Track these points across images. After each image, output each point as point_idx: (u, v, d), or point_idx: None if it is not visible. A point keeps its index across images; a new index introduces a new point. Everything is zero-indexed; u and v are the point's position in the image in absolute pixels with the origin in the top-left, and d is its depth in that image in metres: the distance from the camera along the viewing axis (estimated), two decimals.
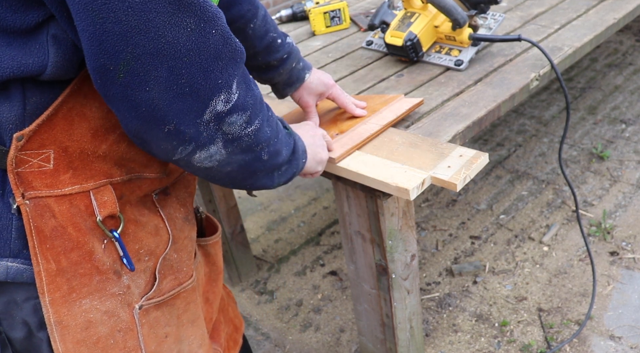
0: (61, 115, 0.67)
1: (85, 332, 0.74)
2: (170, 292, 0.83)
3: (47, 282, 0.70)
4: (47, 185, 0.68)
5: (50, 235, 0.69)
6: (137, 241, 0.77)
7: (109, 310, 0.75)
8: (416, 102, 1.29)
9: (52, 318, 0.72)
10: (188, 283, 0.86)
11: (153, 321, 0.81)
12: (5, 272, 0.69)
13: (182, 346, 0.88)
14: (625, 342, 1.67)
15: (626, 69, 3.21)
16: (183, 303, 0.86)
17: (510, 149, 2.67)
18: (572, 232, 2.11)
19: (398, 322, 1.40)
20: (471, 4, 1.47)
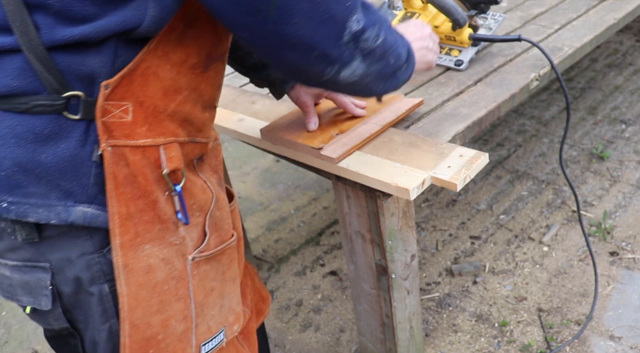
0: (139, 72, 0.74)
1: (146, 276, 0.80)
2: (216, 247, 0.89)
3: (119, 225, 0.76)
4: (126, 135, 0.75)
5: (122, 182, 0.75)
6: (192, 196, 0.84)
7: (165, 257, 0.81)
8: (416, 102, 1.29)
9: (120, 261, 0.77)
10: (231, 241, 0.93)
11: (202, 274, 0.87)
12: (82, 216, 0.75)
13: (224, 301, 0.94)
14: (625, 342, 1.67)
15: (626, 69, 3.21)
16: (227, 260, 0.93)
17: (510, 149, 2.67)
18: (572, 232, 2.11)
19: (398, 322, 1.40)
20: (471, 4, 1.47)
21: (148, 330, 0.83)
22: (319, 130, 1.21)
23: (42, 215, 0.73)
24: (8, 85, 0.70)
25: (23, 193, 0.73)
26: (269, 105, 1.44)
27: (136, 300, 0.80)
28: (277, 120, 1.31)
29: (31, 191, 0.73)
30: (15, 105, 0.71)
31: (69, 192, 0.74)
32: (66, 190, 0.74)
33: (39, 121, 0.71)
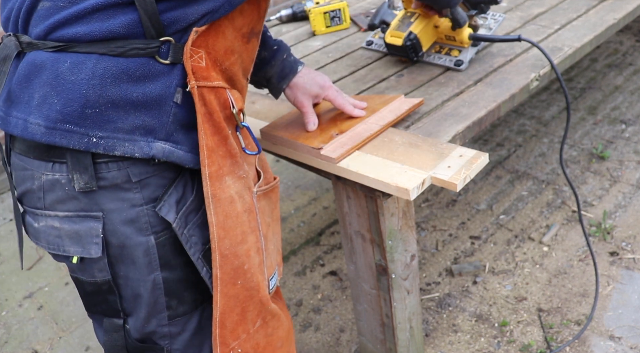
0: (214, 27, 0.84)
1: (230, 206, 0.88)
2: (268, 185, 0.99)
3: (207, 156, 0.83)
4: (204, 77, 0.83)
5: (204, 118, 0.83)
6: (246, 137, 0.94)
7: (239, 190, 0.89)
8: (416, 102, 1.29)
9: (209, 191, 0.85)
10: (276, 181, 1.03)
11: (262, 208, 0.96)
12: (162, 150, 0.82)
13: (275, 239, 1.03)
14: (625, 342, 1.67)
15: (626, 69, 3.21)
16: (275, 198, 1.02)
17: (510, 149, 2.67)
18: (572, 232, 2.11)
19: (398, 322, 1.40)
20: (471, 4, 1.47)
21: (236, 260, 0.89)
22: (319, 130, 1.21)
23: (127, 148, 0.80)
24: (114, 31, 0.78)
25: (112, 128, 0.79)
26: (268, 105, 1.44)
27: (224, 229, 0.87)
28: (277, 120, 1.31)
29: (119, 126, 0.79)
30: (112, 49, 0.78)
31: (151, 129, 0.81)
32: (149, 127, 0.81)
33: (133, 63, 0.78)
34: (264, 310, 0.99)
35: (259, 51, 1.15)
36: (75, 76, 0.77)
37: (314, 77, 1.20)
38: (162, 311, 0.92)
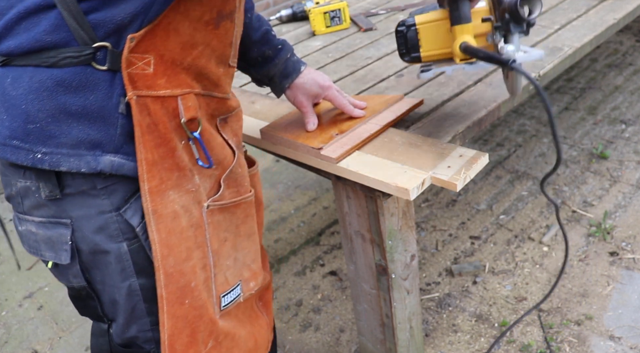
0: (162, 27, 0.78)
1: (173, 221, 0.84)
2: (231, 199, 0.94)
3: (146, 170, 0.80)
4: (147, 86, 0.78)
5: (146, 130, 0.79)
6: (209, 148, 0.88)
7: (185, 205, 0.85)
8: (416, 102, 1.29)
9: (150, 206, 0.81)
10: (248, 196, 0.97)
11: (216, 223, 0.91)
12: (110, 164, 0.79)
13: (238, 255, 0.97)
14: (625, 342, 1.67)
15: (626, 69, 3.21)
16: (242, 214, 0.97)
17: (510, 149, 2.67)
18: (572, 232, 2.11)
19: (398, 322, 1.40)
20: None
21: (182, 279, 0.85)
22: (319, 130, 1.21)
23: (73, 164, 0.77)
24: (41, 40, 0.74)
25: (56, 143, 0.77)
26: (268, 105, 1.44)
27: (167, 247, 0.83)
28: (277, 120, 1.31)
29: (63, 141, 0.77)
30: (44, 60, 0.75)
31: (98, 142, 0.78)
32: (95, 141, 0.78)
33: (68, 74, 0.75)
34: (216, 329, 0.94)
35: (262, 49, 1.15)
36: (15, 91, 0.76)
37: (314, 77, 1.20)
38: (142, 317, 0.90)
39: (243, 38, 1.12)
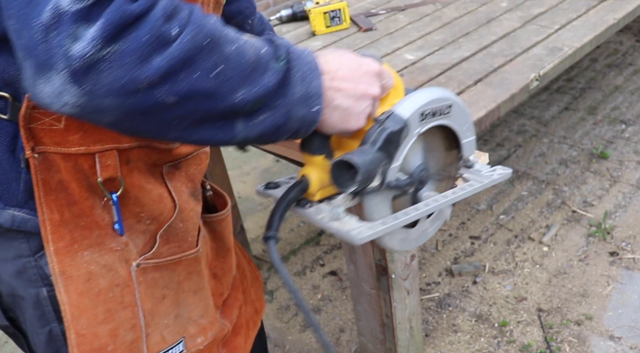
0: None
1: (87, 283, 0.77)
2: (171, 256, 0.85)
3: (51, 232, 0.73)
4: (56, 143, 0.70)
5: (55, 188, 0.72)
6: (138, 205, 0.79)
7: (107, 264, 0.78)
8: None
9: (57, 268, 0.74)
10: (191, 252, 0.88)
11: (151, 281, 0.83)
12: (11, 219, 0.73)
13: (181, 311, 0.90)
14: (625, 342, 1.67)
15: (626, 69, 3.21)
16: (185, 271, 0.88)
17: (510, 149, 2.67)
18: (572, 232, 2.11)
19: (398, 322, 1.40)
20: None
21: (96, 341, 0.79)
22: None
23: None
24: None
25: None
26: None
27: (79, 308, 0.77)
28: None
29: None
30: None
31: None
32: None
33: None
34: None
35: None
36: None
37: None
38: None
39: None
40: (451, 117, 0.79)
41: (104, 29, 0.49)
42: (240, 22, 1.08)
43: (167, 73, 0.53)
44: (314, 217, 0.75)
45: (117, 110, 0.53)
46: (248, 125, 0.61)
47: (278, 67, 0.61)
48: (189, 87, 0.54)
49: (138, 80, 0.51)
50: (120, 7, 0.50)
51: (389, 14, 2.05)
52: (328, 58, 0.69)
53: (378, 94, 0.72)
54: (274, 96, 0.61)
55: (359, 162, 0.66)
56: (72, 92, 0.51)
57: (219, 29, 0.57)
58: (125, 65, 0.51)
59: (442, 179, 0.87)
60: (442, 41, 1.71)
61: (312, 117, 0.66)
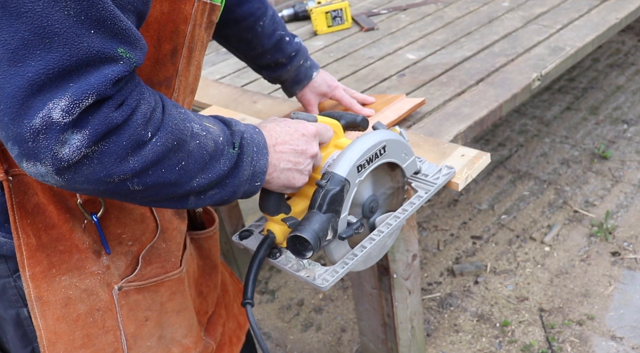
0: None
1: (65, 308, 0.76)
2: (154, 278, 0.83)
3: (27, 256, 0.71)
4: None
5: (32, 211, 0.71)
6: (120, 226, 0.78)
7: (88, 288, 0.77)
8: (418, 102, 1.29)
9: (33, 293, 0.73)
10: (174, 273, 0.86)
11: (133, 304, 0.82)
12: None
13: (164, 332, 0.88)
14: (626, 342, 1.67)
15: (628, 69, 3.21)
16: (168, 291, 0.86)
17: (511, 149, 2.67)
18: (573, 232, 2.11)
19: (399, 322, 1.40)
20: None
21: None
22: None
23: None
24: None
25: None
26: (270, 104, 1.44)
27: (55, 334, 0.76)
28: None
29: None
30: None
31: None
32: None
33: None
34: None
35: (275, 57, 1.13)
36: None
37: (324, 77, 1.21)
38: None
39: (254, 46, 1.11)
40: (387, 154, 0.88)
41: (90, 136, 0.55)
42: (251, 24, 1.08)
43: (140, 171, 0.60)
44: (284, 267, 0.86)
45: (91, 192, 0.61)
46: (199, 199, 0.69)
47: (232, 153, 0.70)
48: (155, 179, 0.62)
49: (114, 175, 0.58)
50: (106, 116, 0.55)
51: (391, 14, 2.05)
52: (268, 127, 0.79)
53: (315, 152, 0.81)
54: (225, 178, 0.70)
55: (309, 236, 0.76)
56: (55, 179, 0.56)
57: (187, 127, 0.64)
58: (104, 163, 0.57)
59: (392, 194, 0.95)
60: (444, 41, 1.71)
61: (254, 190, 0.75)
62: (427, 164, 1.03)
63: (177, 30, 0.71)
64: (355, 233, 0.84)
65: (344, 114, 0.93)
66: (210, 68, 1.81)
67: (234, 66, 1.78)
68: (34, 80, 0.52)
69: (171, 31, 0.70)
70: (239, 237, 0.94)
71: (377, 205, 0.91)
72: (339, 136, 0.89)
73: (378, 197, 0.91)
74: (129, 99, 0.58)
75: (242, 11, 1.06)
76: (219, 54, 1.93)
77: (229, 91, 1.56)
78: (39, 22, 0.51)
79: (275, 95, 1.52)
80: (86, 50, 0.53)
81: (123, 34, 0.56)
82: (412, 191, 0.98)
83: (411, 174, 0.96)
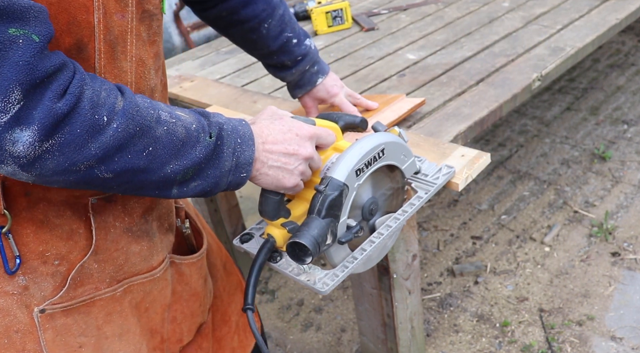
0: None
1: None
2: (82, 298, 0.76)
3: None
4: None
5: None
6: (40, 242, 0.72)
7: (2, 308, 0.72)
8: (418, 102, 1.29)
9: None
10: (106, 292, 0.79)
11: (61, 328, 0.76)
12: None
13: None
14: (626, 342, 1.67)
15: (628, 69, 3.21)
16: (102, 313, 0.79)
17: (511, 149, 2.67)
18: (573, 232, 2.11)
19: (399, 322, 1.40)
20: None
21: None
22: None
23: None
24: None
25: None
26: (270, 104, 1.44)
27: None
28: None
29: None
30: None
31: None
32: None
33: None
34: None
35: (282, 59, 1.12)
36: None
37: (326, 83, 1.20)
38: None
39: (259, 47, 1.10)
40: (386, 157, 0.88)
41: (39, 131, 0.54)
42: (255, 26, 1.07)
43: (103, 157, 0.60)
44: (284, 271, 0.86)
45: (64, 183, 0.61)
46: (182, 190, 0.69)
47: (208, 142, 0.69)
48: (123, 166, 0.62)
49: (78, 163, 0.58)
50: (49, 108, 0.55)
51: (391, 14, 2.05)
52: (261, 125, 0.78)
53: (309, 154, 0.80)
54: (204, 167, 0.69)
55: (308, 242, 0.77)
56: (24, 175, 0.57)
57: (150, 114, 0.64)
58: (65, 154, 0.57)
59: (392, 195, 0.95)
60: (444, 41, 1.71)
61: (239, 181, 0.75)
62: (427, 163, 1.03)
63: (75, 21, 0.63)
64: (355, 237, 0.84)
65: (342, 115, 0.93)
66: (211, 68, 1.81)
67: (234, 66, 1.78)
68: None
69: (67, 22, 0.62)
70: (240, 240, 0.94)
71: (377, 207, 0.91)
72: (337, 138, 0.90)
73: (377, 198, 0.91)
74: (70, 87, 0.57)
75: (246, 13, 1.05)
76: (219, 54, 1.93)
77: (229, 91, 1.56)
78: None
79: (275, 95, 1.52)
80: None
81: (4, 11, 0.52)
82: (412, 191, 0.98)
83: (411, 174, 0.96)
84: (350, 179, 0.81)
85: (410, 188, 0.98)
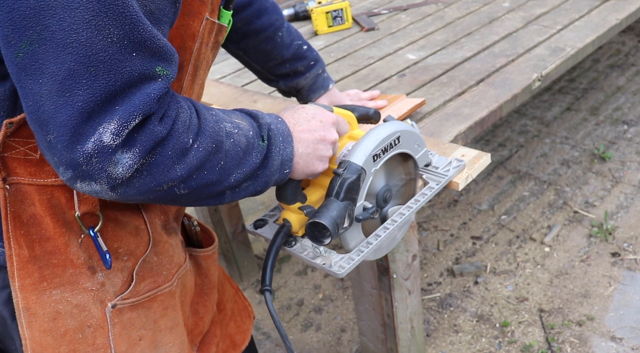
0: None
1: (52, 322, 0.75)
2: (147, 293, 0.82)
3: (17, 268, 0.71)
4: (31, 173, 0.68)
5: (27, 221, 0.70)
6: (116, 240, 0.77)
7: (80, 304, 0.76)
8: (418, 102, 1.29)
9: (21, 303, 0.73)
10: (165, 286, 0.85)
11: (127, 322, 0.80)
12: None
13: (159, 351, 0.86)
14: (626, 343, 1.67)
15: (628, 69, 3.21)
16: (160, 307, 0.85)
17: (512, 150, 2.67)
18: (573, 232, 2.11)
19: (399, 322, 1.40)
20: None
21: None
22: None
23: None
24: None
25: None
26: (270, 104, 1.44)
27: (41, 345, 0.75)
28: None
29: None
30: None
31: None
32: None
33: None
34: None
35: (295, 65, 1.15)
36: None
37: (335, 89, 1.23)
38: None
39: (274, 57, 1.13)
40: (402, 145, 0.90)
41: (139, 153, 0.58)
42: (270, 34, 1.11)
43: (185, 177, 0.63)
44: (300, 254, 0.89)
45: (141, 200, 0.64)
46: (234, 193, 0.72)
47: (262, 145, 0.72)
48: (199, 182, 0.65)
49: (163, 184, 0.62)
50: (151, 131, 0.58)
51: (391, 14, 2.05)
52: (288, 115, 0.80)
53: (335, 139, 0.82)
54: (257, 170, 0.72)
55: (327, 222, 0.79)
56: (109, 194, 0.60)
57: (221, 128, 0.67)
58: (153, 174, 0.60)
59: (404, 185, 0.97)
60: (444, 41, 1.71)
61: (283, 178, 0.78)
62: (437, 157, 1.05)
63: (184, 46, 0.72)
64: (371, 217, 0.86)
65: (356, 107, 0.95)
66: (211, 68, 1.81)
67: (234, 66, 1.78)
68: (83, 108, 0.54)
69: (178, 47, 0.71)
70: (254, 225, 0.95)
71: (391, 195, 0.93)
72: (353, 127, 0.91)
73: (391, 187, 0.93)
74: (168, 110, 0.60)
75: (262, 22, 1.09)
76: (220, 54, 1.93)
77: (230, 91, 1.56)
78: (84, 52, 0.53)
79: (275, 95, 1.52)
80: (129, 73, 0.55)
81: (160, 52, 0.58)
82: (423, 183, 1.00)
83: (423, 165, 0.98)
84: (367, 164, 0.83)
85: (422, 180, 1.00)
